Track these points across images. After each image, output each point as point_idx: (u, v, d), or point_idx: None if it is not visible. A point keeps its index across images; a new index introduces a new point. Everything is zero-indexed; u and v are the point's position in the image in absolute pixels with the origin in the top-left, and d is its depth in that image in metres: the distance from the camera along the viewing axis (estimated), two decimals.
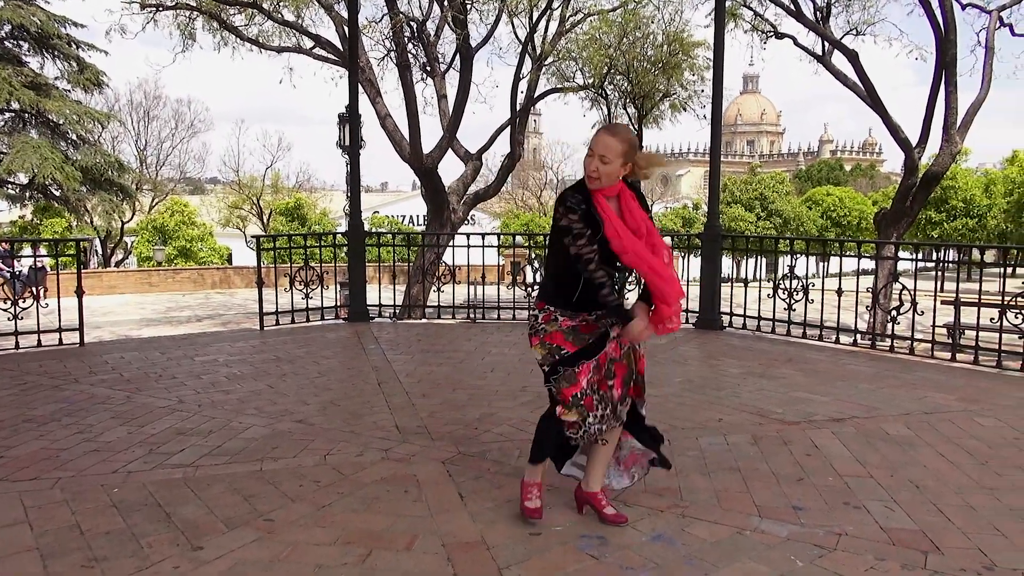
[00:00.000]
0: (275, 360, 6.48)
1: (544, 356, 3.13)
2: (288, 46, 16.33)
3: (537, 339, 3.15)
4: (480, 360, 6.49)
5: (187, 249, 33.52)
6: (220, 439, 4.31)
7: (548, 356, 3.12)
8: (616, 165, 2.98)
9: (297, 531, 3.11)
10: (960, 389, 5.53)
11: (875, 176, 69.74)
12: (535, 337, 3.16)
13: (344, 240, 8.82)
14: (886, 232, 14.48)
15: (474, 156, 16.04)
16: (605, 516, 3.19)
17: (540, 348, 3.13)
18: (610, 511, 3.20)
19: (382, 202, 54.95)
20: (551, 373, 3.10)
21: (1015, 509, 3.36)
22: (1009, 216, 36.92)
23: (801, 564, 2.85)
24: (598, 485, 3.25)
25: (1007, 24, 14.41)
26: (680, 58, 16.90)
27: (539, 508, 3.18)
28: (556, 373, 3.07)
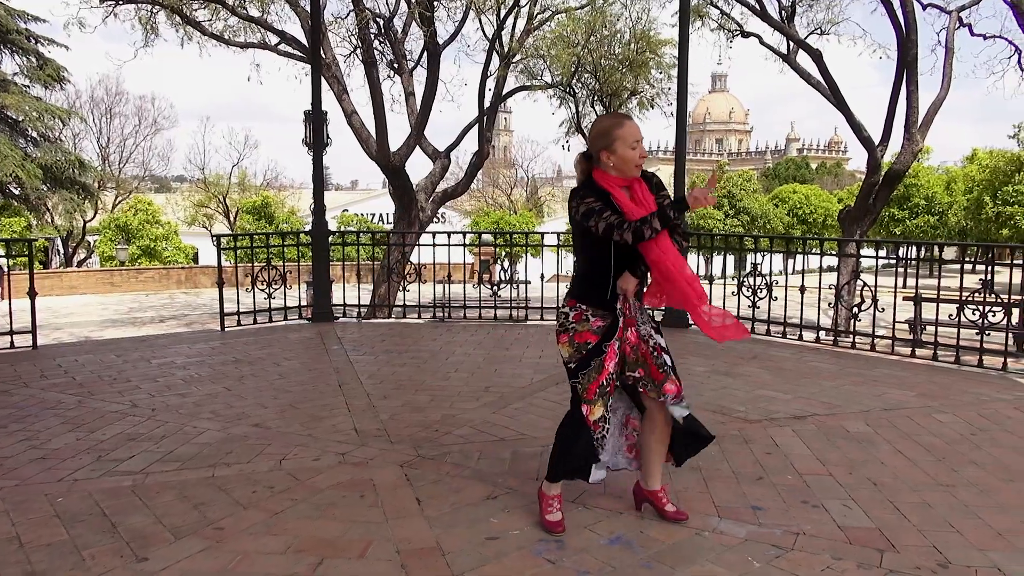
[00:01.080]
0: (234, 362, 6.36)
1: (571, 354, 3.06)
2: (253, 42, 16.07)
3: (566, 337, 3.07)
4: (444, 360, 6.42)
5: (151, 248, 32.94)
6: (172, 444, 4.20)
7: (575, 353, 3.06)
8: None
9: (247, 540, 3.03)
10: (919, 385, 5.59)
11: (840, 174, 70.72)
12: (564, 335, 3.09)
13: (308, 239, 8.70)
14: (850, 229, 14.67)
15: (442, 154, 15.94)
16: (666, 513, 3.17)
17: (568, 346, 3.07)
18: (671, 508, 3.18)
19: (351, 200, 54.54)
20: (579, 368, 3.03)
21: (969, 506, 3.39)
22: (969, 213, 37.60)
23: (758, 565, 2.84)
24: (658, 482, 3.20)
25: (966, 24, 14.69)
26: (647, 56, 16.95)
27: (561, 520, 3.11)
28: (585, 367, 3.01)
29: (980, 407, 5.00)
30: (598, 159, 3.01)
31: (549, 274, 10.84)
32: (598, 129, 3.03)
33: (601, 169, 3.01)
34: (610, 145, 2.95)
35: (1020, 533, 3.12)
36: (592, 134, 3.06)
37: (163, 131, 46.18)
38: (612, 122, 3.01)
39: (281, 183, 50.05)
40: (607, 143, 2.95)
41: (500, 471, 3.78)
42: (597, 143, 2.99)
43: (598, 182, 2.99)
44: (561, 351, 3.11)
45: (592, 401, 3.00)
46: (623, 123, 2.97)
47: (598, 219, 2.90)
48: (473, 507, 3.32)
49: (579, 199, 2.97)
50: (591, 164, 3.05)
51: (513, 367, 6.10)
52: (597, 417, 3.01)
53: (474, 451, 4.07)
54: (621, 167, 2.96)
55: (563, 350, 3.10)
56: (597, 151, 2.99)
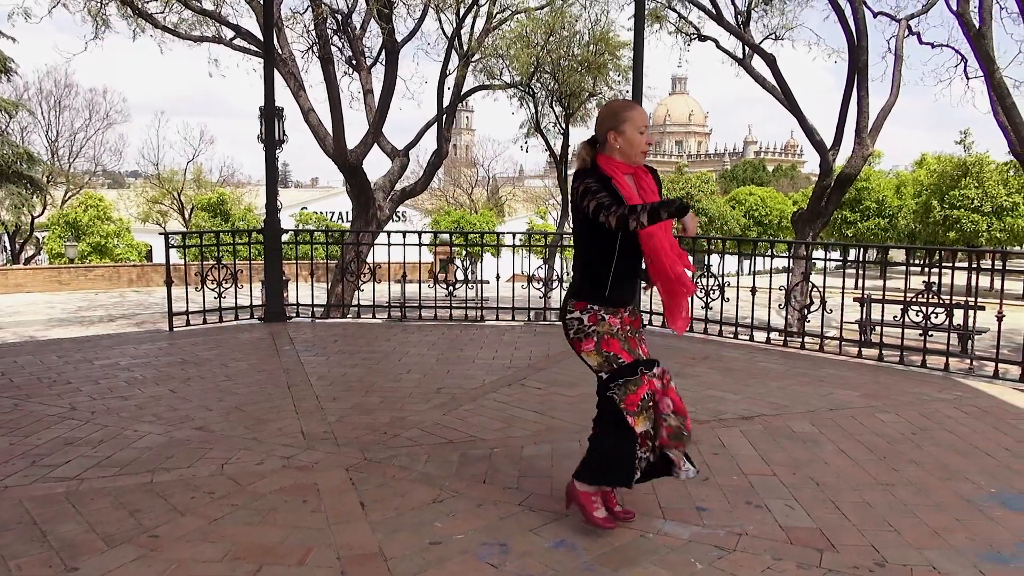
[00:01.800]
0: (181, 363, 6.21)
1: (600, 363, 2.97)
2: (207, 36, 15.77)
3: (591, 343, 2.96)
4: (397, 361, 6.36)
5: (102, 246, 32.16)
6: (111, 449, 4.08)
7: (605, 364, 2.96)
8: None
9: (183, 547, 2.95)
10: (864, 385, 5.69)
11: (796, 177, 72.03)
12: (587, 341, 2.97)
13: (260, 237, 8.54)
14: (803, 231, 14.94)
15: (401, 152, 15.84)
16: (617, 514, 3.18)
17: (595, 355, 2.96)
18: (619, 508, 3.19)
19: (311, 198, 53.91)
20: (610, 380, 2.94)
21: (908, 504, 3.45)
22: (917, 217, 38.62)
23: (701, 567, 2.85)
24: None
25: (915, 32, 15.06)
26: (606, 58, 17.06)
27: (608, 516, 3.08)
28: (616, 380, 2.93)
29: (922, 407, 5.11)
30: (604, 142, 2.96)
31: (509, 274, 10.82)
32: (608, 110, 2.99)
33: (606, 154, 2.95)
34: (619, 126, 2.91)
35: (955, 531, 3.19)
36: (600, 116, 3.01)
37: (115, 125, 45.11)
38: (623, 104, 3.00)
39: (238, 180, 49.29)
40: (616, 124, 2.91)
41: (447, 474, 3.74)
42: (606, 123, 2.94)
43: (602, 167, 2.93)
44: (587, 360, 2.99)
45: (635, 413, 2.90)
46: (634, 106, 2.97)
47: (591, 198, 2.83)
48: (418, 511, 3.28)
49: (579, 180, 2.90)
50: (595, 151, 2.99)
51: (466, 368, 6.07)
52: (641, 430, 2.92)
53: (422, 454, 4.03)
54: (627, 150, 2.93)
55: (590, 359, 2.98)
56: (605, 132, 2.94)
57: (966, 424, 4.72)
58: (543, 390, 5.40)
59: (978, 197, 35.24)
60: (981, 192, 35.27)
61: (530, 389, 5.42)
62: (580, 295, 3.00)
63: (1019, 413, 5.03)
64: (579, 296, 3.00)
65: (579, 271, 3.03)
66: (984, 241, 35.10)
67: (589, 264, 2.99)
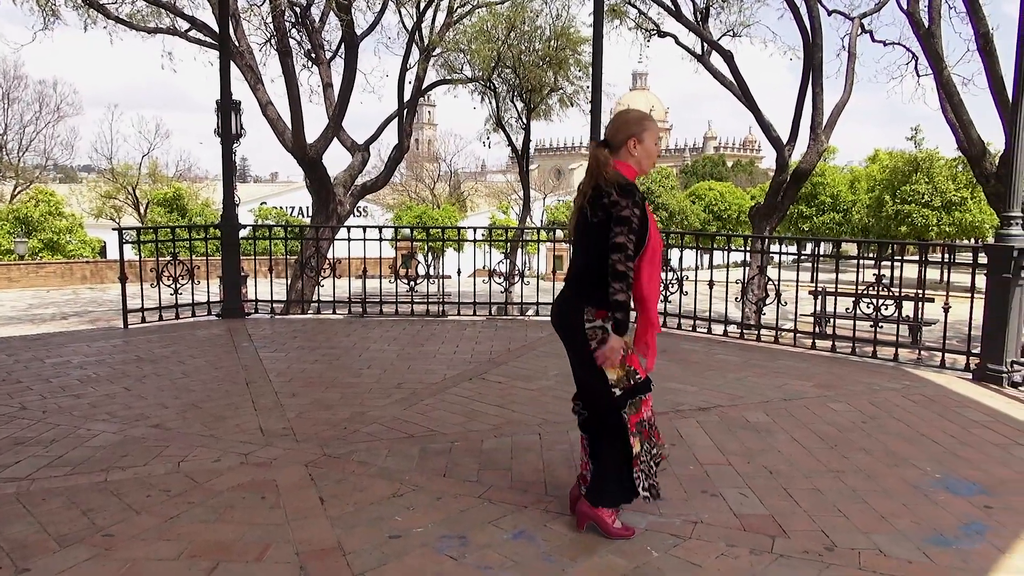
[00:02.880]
0: (136, 360, 6.11)
1: (620, 378, 2.90)
2: (162, 27, 15.43)
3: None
4: (357, 357, 6.33)
5: (54, 242, 31.30)
6: (63, 448, 4.00)
7: (624, 379, 2.91)
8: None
9: (138, 546, 2.91)
10: (817, 376, 5.83)
11: (754, 172, 73.12)
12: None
13: (218, 233, 8.42)
14: (760, 226, 15.19)
15: (361, 147, 15.70)
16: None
17: (618, 369, 2.89)
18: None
19: (270, 193, 53.14)
20: (626, 397, 2.89)
21: (857, 490, 3.55)
22: (871, 211, 39.55)
23: (656, 554, 2.91)
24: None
25: (868, 31, 15.37)
26: (567, 53, 17.12)
27: (628, 525, 3.05)
28: (631, 398, 2.90)
29: (872, 396, 5.25)
30: (619, 148, 2.91)
31: (471, 269, 10.81)
32: (629, 117, 2.95)
33: (622, 160, 2.91)
34: (641, 134, 2.90)
35: (902, 516, 3.30)
36: (619, 121, 2.96)
37: (66, 118, 43.96)
38: (643, 114, 3.00)
39: (195, 175, 48.40)
40: (639, 131, 2.90)
41: (407, 468, 3.75)
42: (627, 130, 2.91)
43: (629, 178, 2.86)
44: (608, 373, 2.89)
45: (635, 433, 2.92)
46: (651, 118, 2.98)
47: (623, 232, 2.73)
48: (377, 505, 3.29)
49: (634, 201, 2.76)
50: (608, 153, 2.91)
51: (427, 363, 6.07)
52: (637, 451, 2.93)
53: (382, 448, 4.03)
54: (643, 160, 2.93)
55: (609, 373, 2.89)
56: (625, 138, 2.90)
57: (914, 412, 4.87)
58: (504, 384, 5.42)
59: (928, 192, 36.23)
60: (931, 187, 36.27)
61: (491, 383, 5.44)
62: (601, 303, 2.84)
63: (964, 401, 5.20)
64: (600, 304, 2.84)
65: (590, 278, 2.88)
66: (934, 235, 36.10)
67: (598, 269, 2.83)
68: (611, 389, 2.91)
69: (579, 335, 2.90)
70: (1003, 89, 10.54)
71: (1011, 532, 3.15)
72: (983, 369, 5.77)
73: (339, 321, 8.18)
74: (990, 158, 11.91)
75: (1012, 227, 5.61)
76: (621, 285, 2.74)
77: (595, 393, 2.98)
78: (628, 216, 2.75)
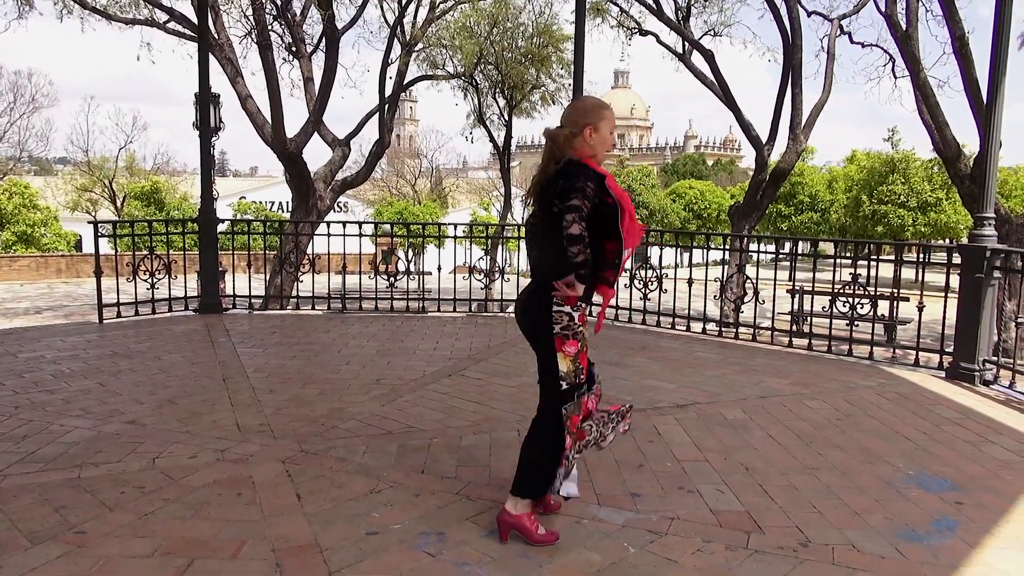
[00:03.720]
0: (111, 356, 6.03)
1: (570, 371, 2.85)
2: (139, 18, 15.23)
3: (575, 346, 2.84)
4: (336, 353, 6.30)
5: (28, 235, 30.82)
6: (35, 444, 3.95)
7: (573, 374, 2.86)
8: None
9: (111, 543, 2.88)
10: (794, 374, 5.89)
11: (734, 171, 73.61)
12: (573, 342, 2.83)
13: (196, 227, 8.33)
14: (739, 224, 15.29)
15: (342, 142, 15.60)
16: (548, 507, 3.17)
17: (571, 361, 2.84)
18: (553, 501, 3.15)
19: (250, 187, 52.68)
20: (571, 393, 2.86)
21: (831, 487, 3.60)
22: (848, 211, 39.96)
23: (633, 550, 2.92)
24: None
25: (847, 32, 15.52)
26: (549, 51, 17.12)
27: (552, 531, 2.99)
28: (572, 399, 2.86)
29: (847, 393, 5.31)
30: (575, 136, 2.86)
31: (452, 265, 10.79)
32: (585, 105, 2.94)
33: (579, 148, 2.86)
34: (597, 123, 2.87)
35: (875, 512, 3.34)
36: (576, 109, 2.93)
37: (42, 109, 43.23)
38: (601, 102, 2.97)
39: (173, 168, 47.89)
40: (595, 120, 2.87)
41: (385, 464, 3.74)
42: (585, 118, 2.87)
43: (590, 164, 2.81)
44: (560, 362, 2.84)
45: (573, 434, 2.88)
46: (608, 106, 2.96)
47: (577, 220, 2.65)
48: (355, 502, 3.28)
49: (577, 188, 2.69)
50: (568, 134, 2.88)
51: (406, 359, 6.05)
52: (569, 451, 2.89)
53: (360, 445, 4.01)
54: (598, 148, 2.89)
55: (563, 362, 2.84)
56: (581, 126, 2.86)
57: (888, 410, 4.93)
58: (483, 380, 5.42)
59: (904, 193, 36.66)
60: (907, 188, 36.70)
61: (470, 379, 5.44)
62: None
63: (937, 399, 5.27)
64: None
65: (551, 265, 2.82)
66: (910, 235, 36.55)
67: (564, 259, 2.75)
68: (559, 381, 2.86)
69: (543, 318, 2.84)
70: (978, 92, 10.68)
71: (981, 528, 3.20)
72: (956, 367, 5.85)
73: (318, 317, 8.14)
74: (965, 160, 12.07)
75: (985, 228, 5.69)
76: (578, 247, 2.66)
77: (543, 378, 2.92)
78: (582, 186, 2.70)
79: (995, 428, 4.61)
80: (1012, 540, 3.11)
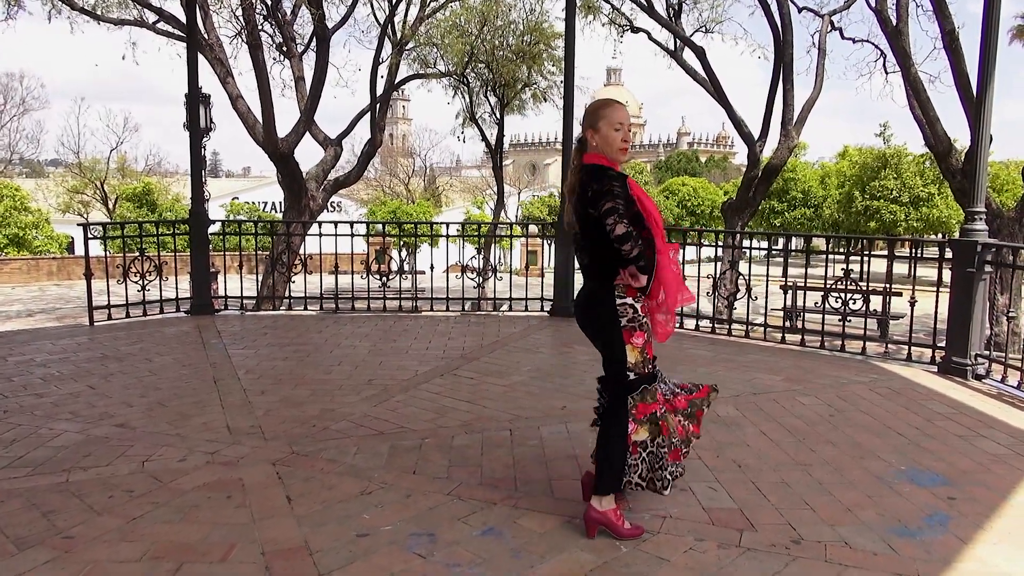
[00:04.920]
0: (101, 358, 6.00)
1: (638, 362, 2.90)
2: (128, 19, 15.15)
3: (642, 337, 2.89)
4: (328, 353, 6.27)
5: (20, 237, 30.70)
6: (24, 448, 3.92)
7: (642, 364, 2.90)
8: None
9: (99, 548, 2.86)
10: (786, 370, 5.89)
11: (727, 168, 73.71)
12: (639, 333, 2.89)
13: (186, 228, 8.29)
14: (732, 221, 15.31)
15: (333, 141, 15.56)
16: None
17: (639, 352, 2.89)
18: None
19: (243, 188, 52.57)
20: (638, 383, 2.90)
21: (823, 483, 3.59)
22: (841, 207, 40.05)
23: (625, 550, 2.91)
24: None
25: (837, 28, 15.53)
26: (540, 48, 17.09)
27: (637, 525, 3.02)
28: (645, 384, 2.90)
29: (840, 389, 5.31)
30: (585, 141, 2.95)
31: (447, 264, 10.77)
32: (587, 109, 3.01)
33: (592, 153, 2.93)
34: (595, 124, 2.91)
35: (867, 507, 3.33)
36: (584, 114, 3.01)
37: (32, 111, 43.04)
38: (600, 103, 2.99)
39: (165, 169, 47.74)
40: (592, 121, 2.92)
41: (377, 465, 3.72)
42: (585, 121, 2.95)
43: (605, 165, 2.88)
44: (629, 354, 2.89)
45: (641, 422, 2.91)
46: (610, 104, 2.97)
47: (618, 220, 2.74)
48: (345, 503, 3.26)
49: (606, 183, 2.79)
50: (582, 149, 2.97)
51: (399, 359, 6.03)
52: (640, 439, 2.92)
53: (351, 446, 3.99)
54: (604, 148, 2.91)
55: (632, 353, 2.89)
56: (584, 131, 2.94)
57: (880, 405, 4.93)
58: (476, 380, 5.40)
59: (897, 188, 36.76)
60: (899, 183, 36.80)
61: (462, 379, 5.42)
62: (628, 286, 2.90)
63: (929, 394, 5.28)
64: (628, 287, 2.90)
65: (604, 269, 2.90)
66: (902, 230, 36.67)
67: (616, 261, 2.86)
68: (627, 371, 2.90)
69: (610, 311, 2.90)
70: (968, 86, 10.71)
71: (972, 523, 3.20)
72: (948, 362, 5.86)
73: (311, 317, 8.11)
74: (956, 154, 12.10)
75: (976, 222, 5.70)
76: (628, 244, 2.75)
77: (609, 366, 2.97)
78: (608, 188, 2.78)
79: (986, 422, 4.62)
80: (1004, 535, 3.11)
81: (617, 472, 2.94)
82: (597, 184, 2.81)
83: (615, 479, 2.95)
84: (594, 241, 2.91)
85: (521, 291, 10.14)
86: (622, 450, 2.92)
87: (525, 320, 7.95)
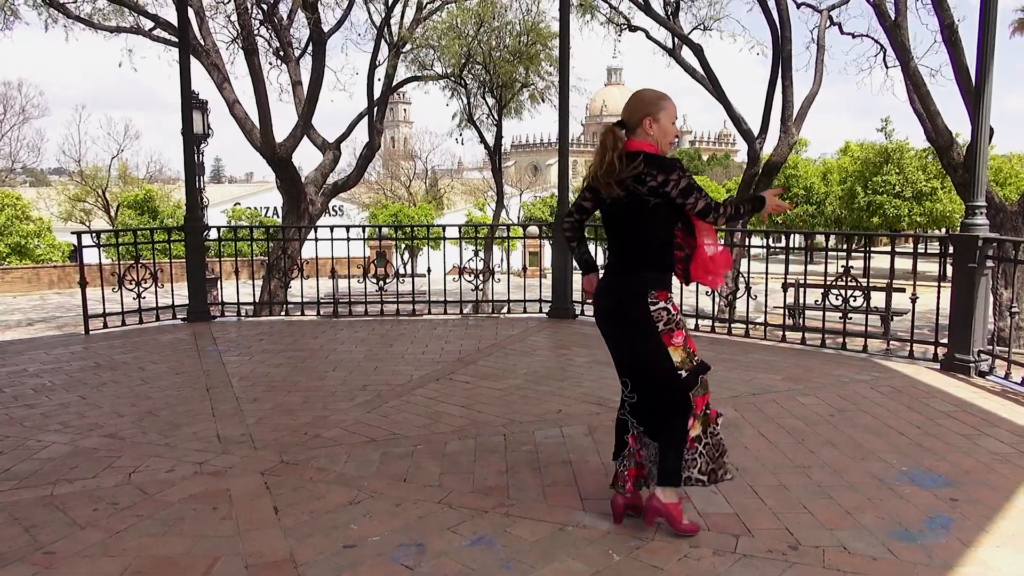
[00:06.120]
0: (94, 367, 5.95)
1: (684, 360, 2.91)
2: (124, 26, 15.12)
3: (681, 336, 2.92)
4: (324, 359, 6.21)
5: (21, 246, 30.72)
6: (10, 461, 3.86)
7: (688, 361, 2.92)
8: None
9: (80, 563, 2.80)
10: (786, 369, 5.81)
11: (730, 165, 73.54)
12: (678, 333, 2.92)
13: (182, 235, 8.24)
14: None
15: (332, 145, 15.51)
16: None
17: (683, 350, 2.91)
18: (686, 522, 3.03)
19: (245, 193, 52.67)
20: (692, 376, 2.91)
21: (823, 486, 3.51)
22: (843, 203, 39.89)
23: (618, 558, 2.84)
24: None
25: (836, 23, 15.42)
26: (537, 48, 17.03)
27: (694, 523, 3.04)
28: (700, 374, 2.93)
29: (840, 388, 5.23)
30: (635, 128, 2.91)
31: (449, 266, 10.70)
32: (644, 97, 2.94)
33: (640, 140, 2.89)
34: (656, 113, 2.89)
35: (866, 510, 3.26)
36: (635, 101, 2.94)
37: (32, 120, 43.14)
38: (660, 94, 2.96)
39: (167, 176, 47.73)
40: (654, 110, 2.89)
41: (367, 474, 3.65)
42: (643, 109, 2.90)
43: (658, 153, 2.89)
44: (673, 355, 2.90)
45: (698, 416, 2.93)
46: (669, 98, 2.95)
47: (699, 196, 2.82)
48: (334, 514, 3.19)
49: (676, 171, 2.82)
50: (624, 133, 2.94)
51: (394, 364, 5.97)
52: (695, 434, 2.94)
53: (342, 454, 3.93)
54: (660, 139, 2.90)
55: (675, 353, 2.91)
56: (640, 118, 2.89)
57: (881, 404, 4.85)
58: (471, 384, 5.34)
59: (899, 183, 36.61)
60: (902, 178, 36.65)
61: (457, 384, 5.36)
62: (659, 284, 2.91)
63: (931, 391, 5.19)
64: (658, 285, 2.91)
65: (650, 260, 2.93)
66: (905, 225, 36.50)
67: (658, 250, 2.93)
68: (677, 371, 2.90)
69: (643, 319, 2.89)
70: (969, 80, 10.59)
71: (975, 525, 3.12)
72: (951, 359, 5.77)
73: (308, 322, 8.05)
74: (957, 148, 11.99)
75: (976, 216, 5.61)
76: (716, 212, 2.87)
77: (657, 375, 2.93)
78: (690, 183, 2.83)
79: (990, 420, 4.53)
80: (1007, 537, 3.03)
81: (677, 467, 2.94)
82: (668, 168, 2.83)
83: (675, 474, 2.94)
84: (642, 220, 2.88)
85: (521, 293, 10.07)
86: (679, 447, 2.93)
87: (523, 322, 7.89)
